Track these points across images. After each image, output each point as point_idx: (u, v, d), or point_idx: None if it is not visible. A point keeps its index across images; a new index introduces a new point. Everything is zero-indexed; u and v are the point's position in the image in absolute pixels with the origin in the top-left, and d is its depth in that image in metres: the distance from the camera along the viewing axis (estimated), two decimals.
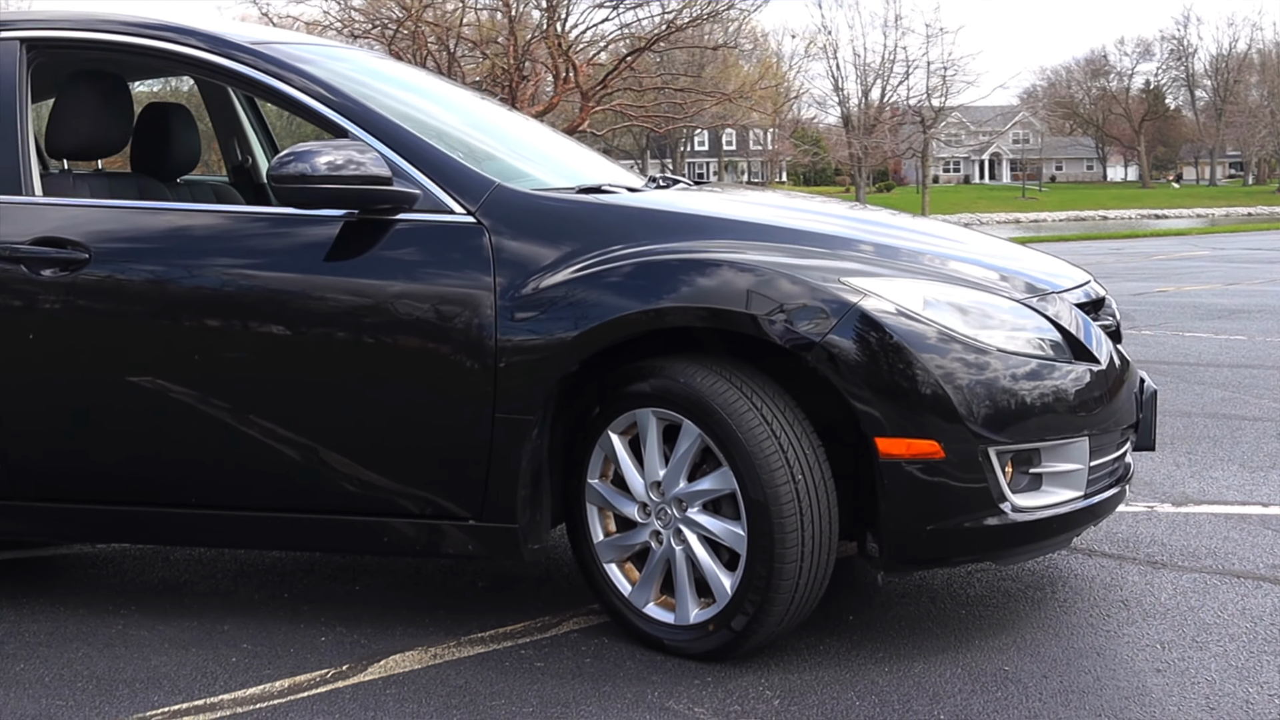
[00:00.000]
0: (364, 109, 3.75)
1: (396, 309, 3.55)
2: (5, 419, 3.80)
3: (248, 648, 3.65)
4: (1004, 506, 3.39)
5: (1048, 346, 3.52)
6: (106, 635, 3.76)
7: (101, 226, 3.76)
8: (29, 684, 3.41)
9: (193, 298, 3.66)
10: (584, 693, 3.29)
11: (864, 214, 4.22)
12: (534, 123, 5.02)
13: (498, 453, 3.53)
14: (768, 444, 3.31)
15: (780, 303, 3.34)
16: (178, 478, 3.79)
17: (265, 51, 3.86)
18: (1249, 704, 3.15)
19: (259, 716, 3.18)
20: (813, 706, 3.19)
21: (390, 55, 25.88)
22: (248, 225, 3.75)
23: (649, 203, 3.79)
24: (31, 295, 3.73)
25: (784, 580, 3.32)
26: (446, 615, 3.88)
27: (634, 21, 27.84)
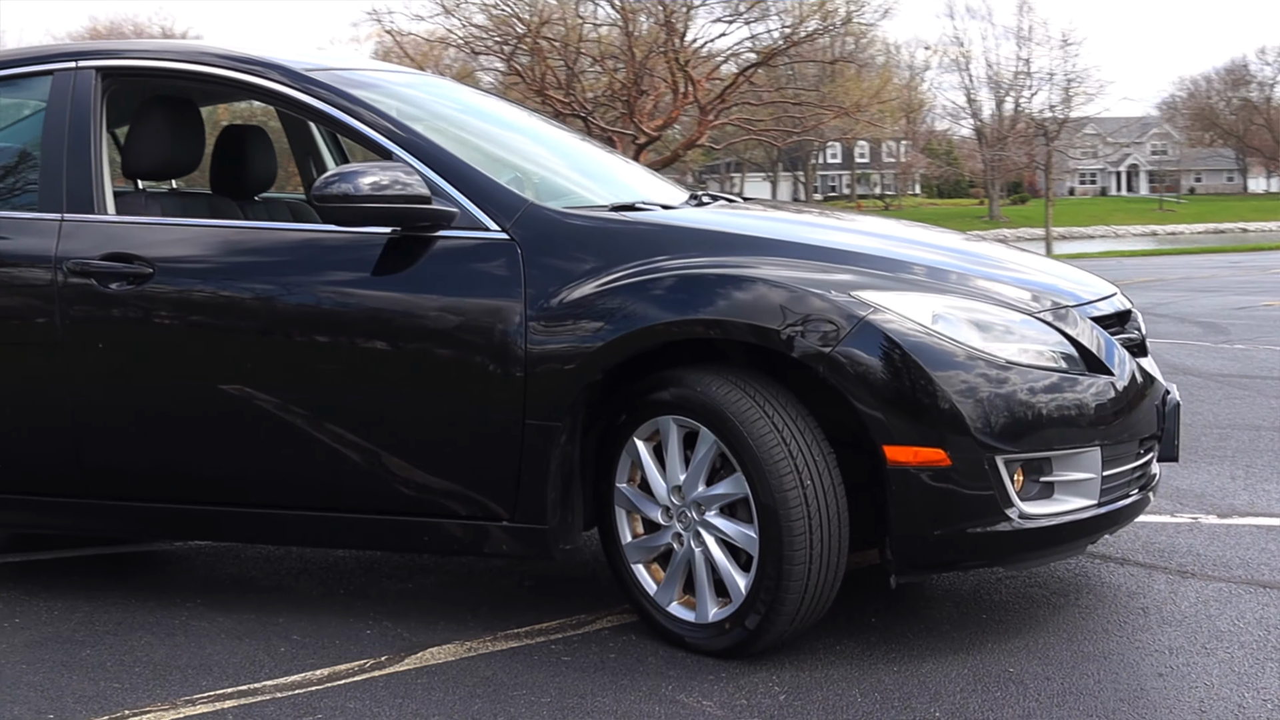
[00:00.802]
0: (408, 132, 3.97)
1: (436, 321, 3.76)
2: (79, 422, 4.07)
3: (297, 639, 3.88)
4: (1011, 513, 3.50)
5: (1060, 359, 3.63)
6: (169, 625, 4.01)
7: (164, 243, 4.02)
8: (91, 668, 3.67)
9: (245, 310, 3.91)
10: (602, 685, 3.47)
11: (892, 230, 4.35)
12: (591, 145, 5.21)
13: (528, 457, 3.72)
14: (777, 451, 3.45)
15: (791, 315, 3.49)
16: (236, 478, 4.03)
17: (315, 77, 4.10)
18: (1241, 709, 3.23)
19: (296, 701, 3.40)
20: (815, 702, 3.33)
21: (510, 71, 26.41)
22: (297, 242, 3.98)
23: (673, 220, 3.96)
24: (101, 307, 4.00)
25: (793, 581, 3.46)
26: (488, 612, 4.08)
27: (752, 36, 28.00)
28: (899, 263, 3.78)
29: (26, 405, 4.14)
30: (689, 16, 26.21)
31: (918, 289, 3.62)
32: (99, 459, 4.09)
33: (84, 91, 4.21)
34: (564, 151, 4.94)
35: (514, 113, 5.21)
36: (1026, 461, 3.56)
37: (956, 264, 3.89)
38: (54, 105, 4.21)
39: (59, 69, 4.27)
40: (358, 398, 3.86)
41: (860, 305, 3.50)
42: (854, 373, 3.44)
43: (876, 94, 29.72)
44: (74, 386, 4.06)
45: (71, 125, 4.17)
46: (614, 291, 3.64)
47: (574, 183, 4.59)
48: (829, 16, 27.11)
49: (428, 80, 5.22)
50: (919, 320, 3.51)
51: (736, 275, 3.58)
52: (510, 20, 26.18)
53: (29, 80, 4.35)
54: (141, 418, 4.05)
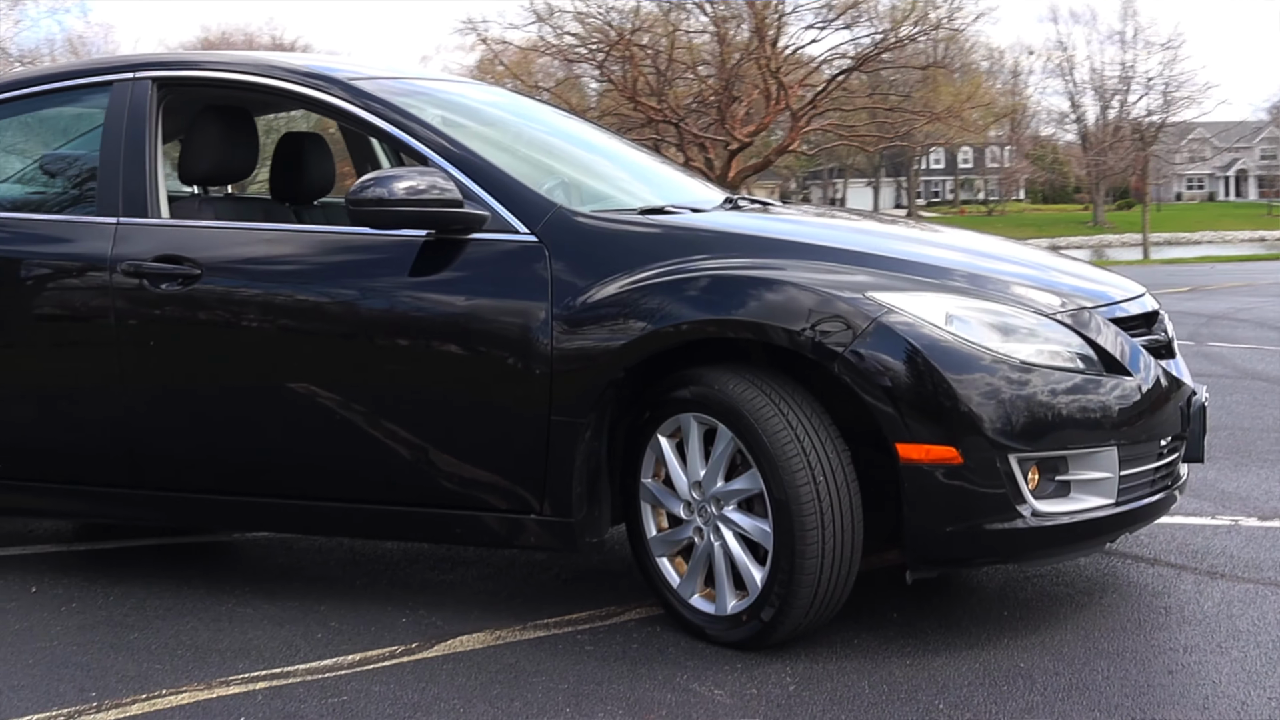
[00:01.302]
0: (444, 139, 4.10)
1: (467, 320, 3.89)
2: (132, 416, 4.26)
3: (335, 625, 4.03)
4: (1024, 511, 3.56)
5: (1078, 360, 3.68)
6: (216, 611, 4.18)
7: (211, 245, 4.19)
8: (136, 650, 3.84)
9: (286, 309, 4.07)
10: (620, 673, 3.58)
11: (916, 234, 4.41)
12: (637, 151, 5.32)
13: (554, 452, 3.84)
14: (790, 447, 3.54)
15: (805, 315, 3.58)
16: (279, 471, 4.19)
17: (358, 86, 4.26)
18: (1245, 706, 3.27)
19: (324, 684, 3.55)
20: (824, 693, 3.41)
21: (603, 78, 26.60)
22: (337, 244, 4.13)
23: (695, 223, 4.06)
24: (152, 306, 4.18)
25: (806, 575, 3.55)
26: (522, 603, 4.20)
27: (853, 39, 27.96)
28: (916, 264, 3.85)
29: (83, 399, 4.33)
30: (781, 23, 26.27)
31: (932, 290, 3.69)
32: (149, 451, 4.27)
33: (140, 101, 4.39)
34: (609, 157, 5.05)
35: (564, 120, 5.35)
36: (1042, 460, 3.61)
37: (978, 266, 3.95)
38: (113, 114, 4.40)
39: (118, 79, 4.46)
40: (395, 393, 4.00)
41: (874, 306, 3.58)
42: (867, 372, 3.52)
43: (968, 99, 29.56)
44: (127, 382, 4.24)
45: (128, 133, 4.36)
46: (632, 292, 3.75)
47: (615, 187, 4.70)
48: (921, 21, 27.03)
49: (483, 90, 5.37)
50: (932, 320, 3.58)
51: (752, 277, 3.68)
52: (603, 28, 26.39)
53: (91, 91, 4.55)
54: (189, 412, 4.22)
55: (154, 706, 3.42)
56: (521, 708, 3.37)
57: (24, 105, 4.73)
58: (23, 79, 4.76)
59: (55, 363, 4.38)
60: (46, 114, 4.79)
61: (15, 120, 4.84)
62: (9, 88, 4.72)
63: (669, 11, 27.01)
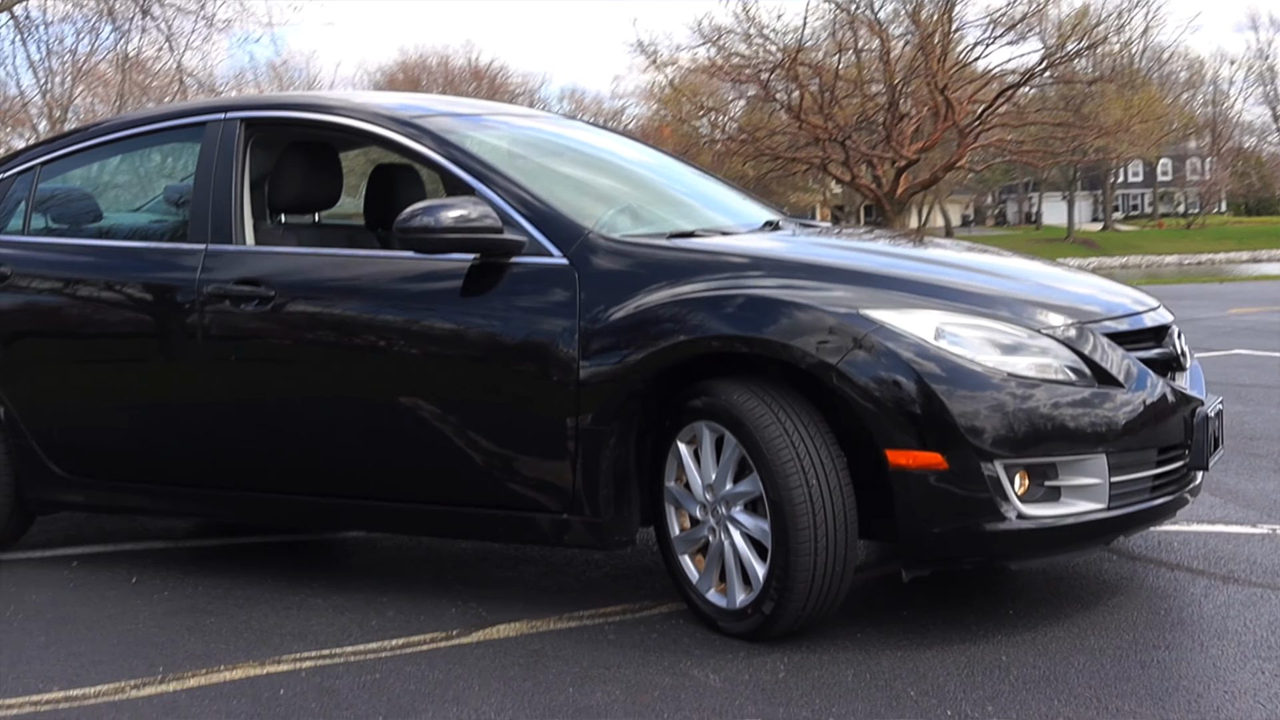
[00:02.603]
0: (489, 170, 4.47)
1: (509, 336, 4.25)
2: (216, 424, 4.71)
3: (391, 615, 4.41)
4: (1009, 514, 3.79)
5: (1068, 372, 3.90)
6: (288, 601, 4.60)
7: (286, 269, 4.63)
8: (207, 632, 4.28)
9: (351, 326, 4.48)
10: (630, 660, 3.89)
11: (930, 253, 4.66)
12: (702, 175, 5.65)
13: (583, 457, 4.18)
14: (785, 452, 3.83)
15: (802, 331, 3.86)
16: (351, 475, 4.60)
17: (414, 121, 4.67)
18: (1199, 698, 3.45)
19: (364, 664, 3.93)
20: (810, 680, 3.68)
21: (768, 97, 26.89)
22: (396, 267, 4.52)
23: (714, 246, 4.34)
24: (234, 325, 4.63)
25: (800, 571, 3.82)
26: (564, 597, 4.54)
27: (1013, 58, 27.84)
28: (915, 283, 4.09)
29: (174, 409, 4.80)
30: (948, 41, 26.27)
31: (924, 307, 3.93)
32: (229, 456, 4.72)
33: (229, 138, 4.86)
34: (668, 183, 5.38)
35: (632, 150, 5.68)
36: (1030, 466, 3.84)
37: (979, 284, 4.17)
38: (205, 150, 4.88)
39: (211, 119, 4.94)
40: (445, 403, 4.37)
41: (865, 321, 3.84)
42: (857, 383, 3.79)
43: (1139, 112, 29.11)
44: (211, 394, 4.70)
45: (218, 167, 4.82)
46: (647, 310, 4.07)
47: (665, 212, 5.01)
48: (1087, 34, 26.75)
49: (555, 123, 5.77)
50: (921, 335, 3.83)
51: (754, 295, 3.97)
52: (768, 48, 26.71)
53: (189, 130, 5.04)
54: (265, 422, 4.66)
55: (209, 680, 3.85)
56: (531, 687, 3.70)
57: (133, 143, 5.25)
58: (131, 120, 5.28)
59: (151, 375, 4.86)
60: (152, 151, 5.30)
61: (126, 157, 5.36)
62: (119, 128, 5.25)
63: (835, 29, 27.21)
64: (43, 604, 4.67)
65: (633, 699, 3.60)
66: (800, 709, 3.49)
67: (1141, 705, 3.42)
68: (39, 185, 5.31)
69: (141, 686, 3.81)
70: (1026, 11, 27.04)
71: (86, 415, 4.99)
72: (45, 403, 5.02)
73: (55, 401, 5.02)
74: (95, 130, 5.36)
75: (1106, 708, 3.41)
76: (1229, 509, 5.41)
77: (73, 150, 5.31)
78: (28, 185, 5.30)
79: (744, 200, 5.48)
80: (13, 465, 5.08)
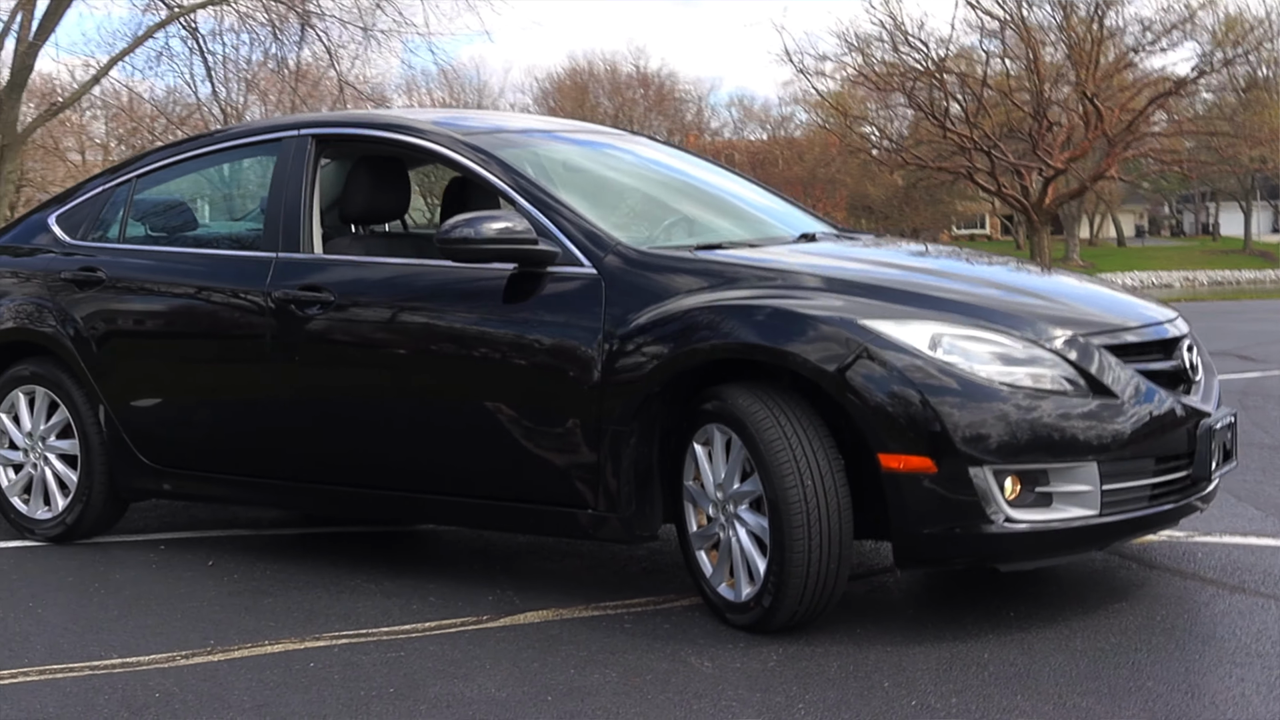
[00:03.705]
0: (529, 184, 4.78)
1: (544, 341, 4.54)
2: (282, 419, 5.09)
3: (432, 600, 4.73)
4: (996, 517, 3.98)
5: (1063, 382, 4.07)
6: (343, 586, 4.94)
7: (343, 277, 4.99)
8: (262, 611, 4.65)
9: (402, 330, 4.82)
10: (636, 646, 4.15)
11: (938, 264, 4.85)
12: (754, 187, 5.89)
13: (606, 455, 4.45)
14: (783, 454, 4.06)
15: (802, 339, 4.09)
16: (407, 469, 4.93)
17: (465, 140, 5.00)
18: (1155, 696, 3.60)
19: (394, 643, 4.25)
20: (796, 670, 3.90)
21: (910, 105, 26.87)
22: (445, 275, 4.83)
23: (735, 258, 4.58)
24: (298, 328, 5.00)
25: (794, 567, 4.05)
26: (596, 589, 4.82)
27: (1165, 66, 27.44)
28: (917, 295, 4.28)
29: (245, 405, 5.19)
30: (1098, 49, 25.98)
31: (922, 318, 4.13)
32: (296, 449, 5.10)
33: (300, 153, 5.24)
34: (715, 196, 5.65)
35: (687, 164, 5.95)
36: (1022, 473, 4.02)
37: (984, 296, 4.36)
38: (279, 165, 5.26)
39: (285, 136, 5.33)
40: (486, 404, 4.68)
41: (862, 331, 4.06)
42: (853, 389, 4.01)
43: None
44: (278, 391, 5.08)
45: (289, 180, 5.20)
46: (663, 318, 4.33)
47: (705, 224, 5.27)
48: (1241, 42, 26.22)
49: (611, 137, 6.05)
50: (916, 345, 4.04)
51: (761, 305, 4.21)
52: (914, 55, 26.69)
53: (265, 145, 5.44)
54: (325, 419, 5.02)
55: (251, 653, 4.20)
56: (538, 668, 3.99)
57: (218, 158, 5.68)
58: (217, 136, 5.71)
59: (228, 374, 5.26)
60: (235, 165, 5.72)
61: (212, 170, 5.78)
62: (206, 144, 5.68)
63: (982, 39, 27.11)
64: (124, 581, 5.09)
65: (626, 681, 3.86)
66: (776, 695, 3.72)
67: (1099, 703, 3.58)
68: (135, 196, 5.75)
69: (191, 656, 4.18)
70: (1179, 18, 26.68)
71: (171, 410, 5.41)
72: (134, 397, 5.45)
73: (143, 396, 5.44)
74: (186, 146, 5.80)
75: (1064, 704, 3.58)
76: (1268, 522, 5.48)
77: (165, 164, 5.75)
78: (125, 196, 5.74)
79: (792, 213, 5.70)
80: (106, 456, 5.52)
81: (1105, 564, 4.91)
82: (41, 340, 5.64)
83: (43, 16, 26.93)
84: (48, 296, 5.65)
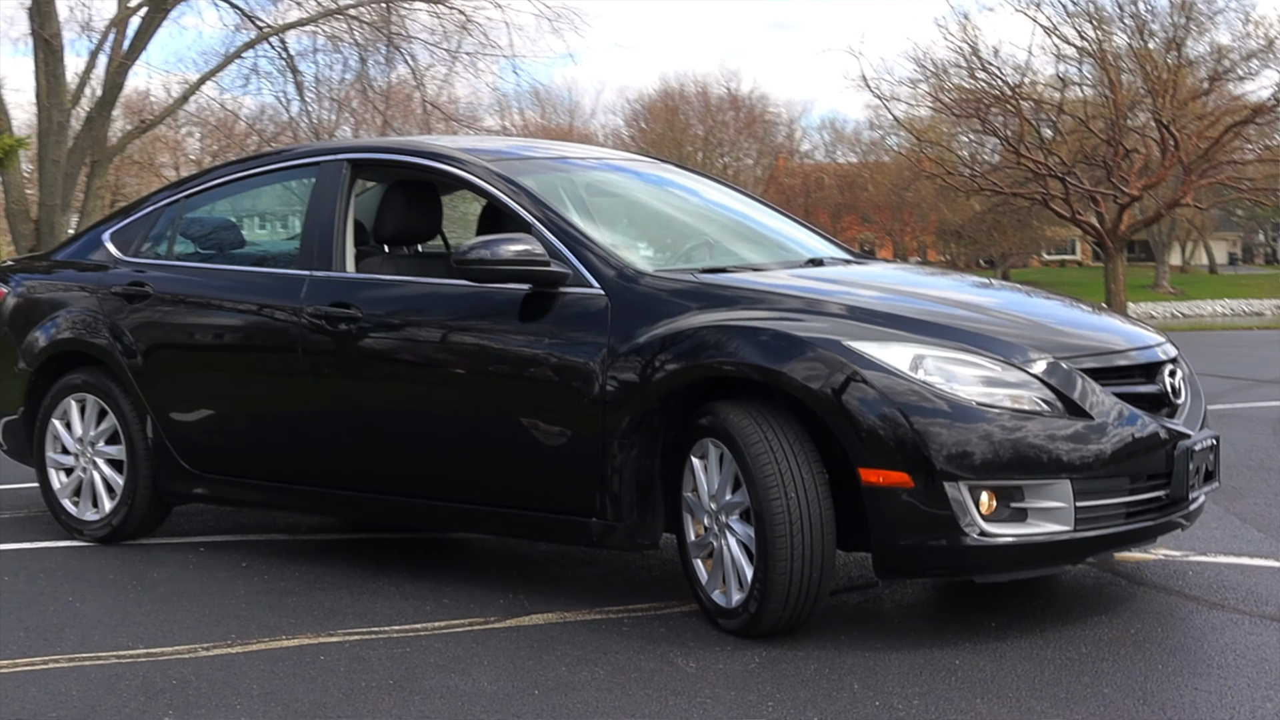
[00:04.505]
0: (545, 209, 5.03)
1: (553, 358, 4.79)
2: (312, 429, 5.37)
3: (447, 602, 4.98)
4: (970, 530, 4.17)
5: (1040, 404, 4.26)
6: (364, 587, 5.21)
7: (370, 294, 5.27)
8: (285, 609, 4.92)
9: (422, 346, 5.09)
10: (628, 647, 4.37)
11: (932, 289, 5.04)
12: (770, 212, 6.12)
13: (609, 467, 4.68)
14: (768, 467, 4.27)
15: (789, 359, 4.31)
16: (431, 479, 5.19)
17: (484, 165, 5.27)
18: (1109, 703, 3.77)
19: (402, 640, 4.50)
20: (774, 672, 4.11)
21: (985, 130, 26.90)
22: (460, 294, 5.09)
23: (735, 281, 4.80)
24: (329, 342, 5.28)
25: (777, 575, 4.26)
26: (603, 594, 5.05)
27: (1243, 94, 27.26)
28: (901, 317, 4.48)
29: (277, 415, 5.49)
30: (1175, 76, 25.90)
31: (905, 340, 4.34)
32: (322, 458, 5.38)
33: (335, 177, 5.53)
34: (736, 221, 5.88)
35: (713, 189, 6.19)
36: (997, 489, 4.21)
37: (967, 318, 4.56)
38: (316, 188, 5.56)
39: (323, 161, 5.63)
40: (503, 416, 4.93)
41: (846, 352, 4.27)
42: (835, 407, 4.22)
43: None
44: (308, 402, 5.37)
45: (324, 203, 5.50)
46: (659, 338, 4.56)
47: (721, 248, 5.51)
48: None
49: (638, 163, 6.31)
50: (897, 366, 4.24)
51: (752, 326, 4.43)
52: (991, 81, 26.74)
53: (305, 169, 5.74)
54: (350, 429, 5.30)
55: (268, 646, 4.47)
56: (533, 665, 4.22)
57: (260, 180, 6.00)
58: (259, 158, 6.04)
59: (263, 385, 5.56)
60: (276, 187, 6.03)
61: (254, 192, 6.11)
62: (248, 167, 6.00)
63: (1057, 64, 27.10)
64: (161, 580, 5.39)
65: (612, 678, 4.08)
66: (749, 694, 3.93)
67: (1053, 706, 3.75)
68: (184, 215, 6.08)
69: (211, 649, 4.46)
70: (1258, 46, 26.51)
71: (209, 417, 5.72)
72: (176, 405, 5.76)
73: (183, 404, 5.76)
74: (233, 168, 6.13)
75: (1020, 706, 3.76)
76: (1266, 544, 5.60)
77: (213, 185, 6.09)
78: (175, 215, 6.08)
79: (810, 240, 5.91)
80: (150, 461, 5.83)
81: (1096, 580, 5.08)
82: (93, 351, 5.97)
83: (134, 35, 27.67)
84: (100, 309, 5.98)
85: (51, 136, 26.51)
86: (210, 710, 3.87)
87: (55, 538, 6.14)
